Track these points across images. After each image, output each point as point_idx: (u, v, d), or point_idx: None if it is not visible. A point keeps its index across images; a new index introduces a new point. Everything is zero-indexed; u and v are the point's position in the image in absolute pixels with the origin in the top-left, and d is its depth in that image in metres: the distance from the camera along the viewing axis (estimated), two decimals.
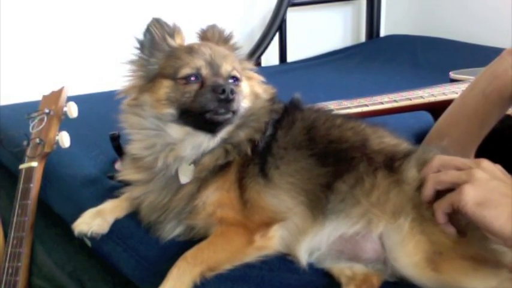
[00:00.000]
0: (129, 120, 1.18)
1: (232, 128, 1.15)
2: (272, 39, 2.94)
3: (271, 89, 1.25)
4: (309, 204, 1.10)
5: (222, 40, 1.25)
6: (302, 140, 1.16)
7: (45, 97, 1.55)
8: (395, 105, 1.66)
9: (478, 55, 2.51)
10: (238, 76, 1.17)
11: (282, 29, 3.00)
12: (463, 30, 3.09)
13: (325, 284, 1.08)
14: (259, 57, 2.88)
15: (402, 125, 1.54)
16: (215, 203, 1.11)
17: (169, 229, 1.15)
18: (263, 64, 2.98)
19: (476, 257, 0.98)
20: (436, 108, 1.61)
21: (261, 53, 2.88)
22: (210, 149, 1.14)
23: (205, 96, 1.09)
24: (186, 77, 1.12)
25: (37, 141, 1.47)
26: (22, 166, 1.49)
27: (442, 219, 0.99)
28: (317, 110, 1.28)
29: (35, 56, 2.31)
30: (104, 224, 1.21)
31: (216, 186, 1.12)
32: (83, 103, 1.53)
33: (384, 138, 1.18)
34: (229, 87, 1.09)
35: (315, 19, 3.29)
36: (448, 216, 0.99)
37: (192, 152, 1.13)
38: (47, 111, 1.49)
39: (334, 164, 1.12)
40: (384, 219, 1.05)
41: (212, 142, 1.14)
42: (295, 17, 3.07)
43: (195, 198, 1.12)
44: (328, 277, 1.09)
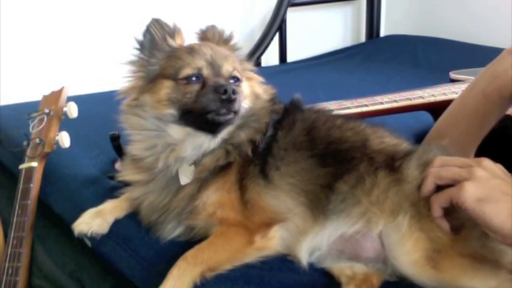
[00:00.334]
0: (129, 121, 1.18)
1: (233, 128, 1.15)
2: (272, 39, 2.94)
3: (271, 90, 1.25)
4: (310, 205, 1.10)
5: (223, 41, 1.25)
6: (302, 140, 1.16)
7: (45, 97, 1.55)
8: (395, 105, 1.66)
9: (478, 55, 2.51)
10: (239, 76, 1.17)
11: (282, 29, 3.00)
12: (463, 30, 3.09)
13: (325, 283, 1.08)
14: (259, 58, 2.88)
15: (402, 125, 1.54)
16: (215, 203, 1.11)
17: (169, 229, 1.15)
18: (263, 64, 2.99)
19: (475, 256, 0.98)
20: (436, 108, 1.61)
21: (261, 53, 2.88)
22: (211, 149, 1.14)
23: (207, 97, 1.09)
24: (187, 78, 1.12)
25: (37, 141, 1.47)
26: (22, 166, 1.49)
27: (437, 212, 0.99)
28: (317, 110, 1.28)
29: (35, 56, 2.31)
30: (104, 224, 1.21)
31: (217, 187, 1.12)
32: (83, 103, 1.53)
33: (384, 138, 1.18)
34: (231, 87, 1.09)
35: (315, 19, 3.29)
36: (444, 212, 0.99)
37: (193, 152, 1.13)
38: (47, 111, 1.49)
39: (334, 164, 1.12)
40: (383, 217, 1.05)
41: (213, 143, 1.14)
42: (295, 17, 3.07)
43: (196, 198, 1.11)
44: (328, 277, 1.09)
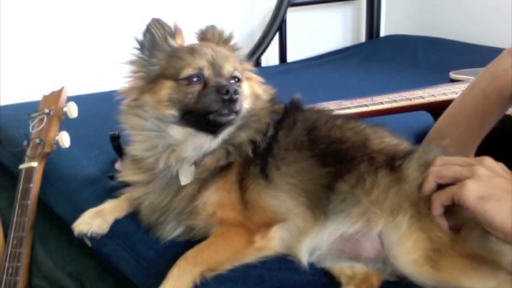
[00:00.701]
0: (129, 121, 1.18)
1: (233, 129, 1.15)
2: (272, 39, 2.93)
3: (270, 90, 1.25)
4: (310, 205, 1.10)
5: (222, 41, 1.25)
6: (303, 140, 1.16)
7: (45, 97, 1.55)
8: (395, 105, 1.65)
9: (478, 55, 2.51)
10: (239, 77, 1.17)
11: (282, 29, 3.00)
12: (463, 30, 3.09)
13: (325, 283, 1.08)
14: (259, 57, 2.88)
15: (402, 125, 1.54)
16: (216, 203, 1.11)
17: (169, 229, 1.15)
18: (263, 64, 2.98)
19: (475, 256, 0.98)
20: (436, 108, 1.61)
21: (261, 53, 2.88)
22: (211, 150, 1.14)
23: (209, 97, 1.09)
24: (189, 78, 1.12)
25: (37, 141, 1.47)
26: (22, 166, 1.49)
27: (437, 211, 0.99)
28: (318, 110, 1.28)
29: (35, 56, 2.30)
30: (104, 224, 1.21)
31: (217, 187, 1.12)
32: (83, 103, 1.53)
33: (384, 138, 1.18)
34: (233, 87, 1.09)
35: (315, 19, 3.28)
36: (444, 210, 0.99)
37: (194, 153, 1.13)
38: (47, 111, 1.49)
39: (335, 164, 1.12)
40: (383, 217, 1.05)
41: (213, 143, 1.14)
42: (295, 17, 3.07)
43: (196, 198, 1.11)
44: (328, 277, 1.09)
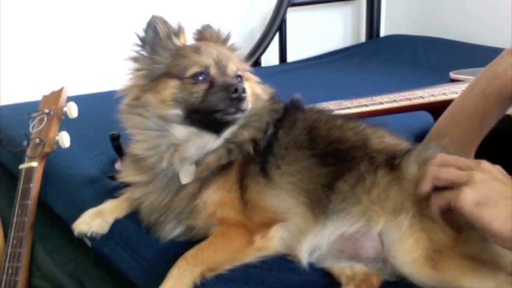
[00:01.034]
0: (131, 121, 1.17)
1: (235, 128, 1.15)
2: (272, 39, 2.93)
3: (269, 89, 1.25)
4: (310, 205, 1.10)
5: (221, 41, 1.25)
6: (303, 140, 1.16)
7: (45, 97, 1.55)
8: (395, 105, 1.65)
9: (478, 55, 2.50)
10: (243, 76, 1.18)
11: (282, 29, 3.00)
12: (463, 30, 3.09)
13: (325, 283, 1.08)
14: (259, 57, 2.88)
15: (402, 125, 1.54)
16: (216, 203, 1.11)
17: (169, 229, 1.15)
18: (263, 64, 2.98)
19: (475, 257, 0.98)
20: (436, 108, 1.61)
21: (261, 53, 2.88)
22: (214, 148, 1.14)
23: (216, 96, 1.08)
24: (194, 76, 1.11)
25: (37, 141, 1.47)
26: (22, 166, 1.49)
27: (436, 213, 0.99)
28: (318, 110, 1.28)
29: (35, 56, 2.30)
30: (104, 224, 1.21)
31: (217, 186, 1.12)
32: (83, 103, 1.53)
33: (384, 138, 1.18)
34: (241, 86, 1.09)
35: (315, 19, 3.28)
36: (444, 211, 0.98)
37: (197, 152, 1.13)
38: (47, 111, 1.49)
39: (335, 164, 1.12)
40: (384, 216, 1.05)
41: (216, 142, 1.14)
42: (295, 17, 3.07)
43: (196, 198, 1.11)
44: (328, 277, 1.09)
